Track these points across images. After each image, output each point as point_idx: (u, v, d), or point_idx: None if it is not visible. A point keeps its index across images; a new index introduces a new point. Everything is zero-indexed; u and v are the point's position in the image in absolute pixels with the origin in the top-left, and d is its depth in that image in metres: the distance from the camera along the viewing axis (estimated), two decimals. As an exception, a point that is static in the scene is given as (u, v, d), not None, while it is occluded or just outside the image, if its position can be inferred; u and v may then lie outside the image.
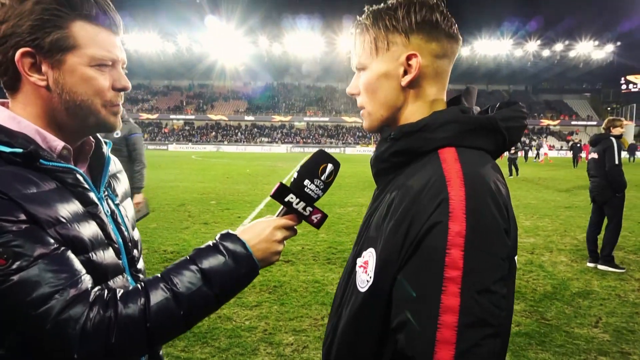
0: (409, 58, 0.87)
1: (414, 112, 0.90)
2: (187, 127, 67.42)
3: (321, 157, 1.00)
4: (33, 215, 0.78)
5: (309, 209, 1.00)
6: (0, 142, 0.83)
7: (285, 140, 62.78)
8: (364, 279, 0.83)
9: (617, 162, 5.40)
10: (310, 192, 0.99)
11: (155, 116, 65.41)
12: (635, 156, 33.55)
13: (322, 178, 0.99)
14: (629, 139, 59.75)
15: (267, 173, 19.35)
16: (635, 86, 67.67)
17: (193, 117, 67.88)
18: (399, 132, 0.87)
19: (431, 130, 0.84)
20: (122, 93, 0.97)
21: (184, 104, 70.65)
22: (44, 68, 0.87)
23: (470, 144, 0.83)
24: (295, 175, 1.00)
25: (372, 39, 0.90)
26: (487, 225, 0.72)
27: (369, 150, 52.29)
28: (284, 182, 1.00)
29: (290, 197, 0.98)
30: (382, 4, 0.92)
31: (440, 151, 0.82)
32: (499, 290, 0.71)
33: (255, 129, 66.59)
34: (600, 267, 5.38)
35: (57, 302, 0.76)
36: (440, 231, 0.71)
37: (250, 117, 67.36)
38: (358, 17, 0.95)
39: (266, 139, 63.46)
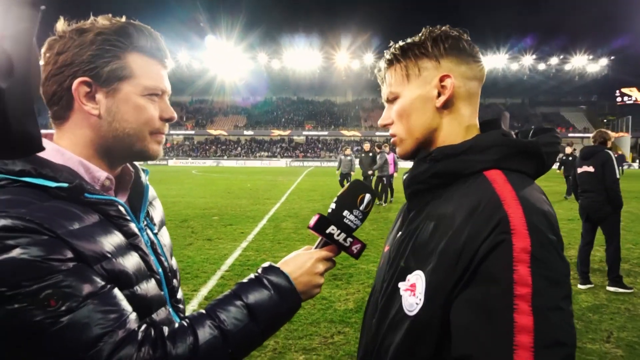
0: (442, 79, 0.90)
1: (449, 134, 0.91)
2: (187, 142, 67.64)
3: (359, 187, 1.00)
4: (80, 253, 0.77)
5: (349, 239, 0.98)
6: (46, 177, 0.83)
7: (285, 154, 62.91)
8: (413, 302, 0.81)
9: (618, 175, 5.12)
10: (349, 223, 0.98)
11: (154, 131, 65.34)
12: (623, 168, 32.36)
13: (361, 208, 0.99)
14: (625, 150, 60.06)
15: (268, 187, 19.32)
16: (630, 98, 68.25)
17: (193, 132, 68.13)
18: (440, 154, 0.87)
19: (476, 153, 0.85)
20: (167, 124, 0.99)
21: (184, 119, 70.92)
22: (98, 97, 0.89)
23: (514, 167, 0.84)
24: (334, 206, 0.99)
25: (403, 67, 0.93)
26: (550, 242, 0.72)
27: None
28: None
29: (332, 229, 0.97)
30: (407, 39, 0.95)
31: (487, 173, 0.83)
32: (567, 307, 0.69)
33: (255, 144, 66.76)
34: (609, 288, 5.08)
35: (106, 345, 0.74)
36: (504, 249, 0.70)
37: (250, 132, 67.63)
38: (386, 52, 0.98)
39: (265, 153, 63.62)
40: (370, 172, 12.98)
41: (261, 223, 9.54)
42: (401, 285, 0.86)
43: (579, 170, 5.48)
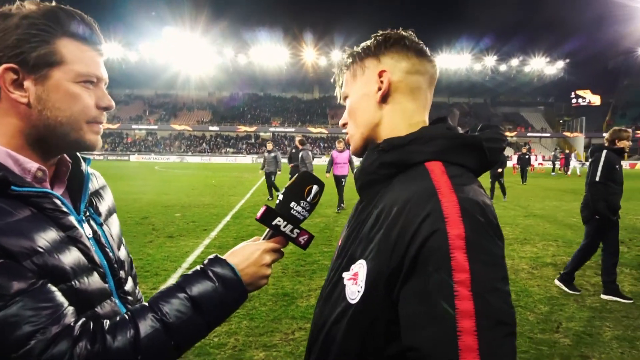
0: (380, 75, 0.94)
1: (392, 128, 0.94)
2: (149, 138, 65.83)
3: (306, 179, 1.01)
4: (6, 249, 0.74)
5: (296, 230, 1.00)
6: None
7: (251, 150, 62.33)
8: (355, 290, 0.83)
9: (597, 178, 4.72)
10: (296, 214, 0.99)
11: (116, 126, 63.49)
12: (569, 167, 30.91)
13: (308, 199, 1.00)
14: (580, 150, 63.06)
15: (233, 184, 19.09)
16: (584, 100, 71.78)
17: (156, 127, 66.37)
18: (388, 145, 0.90)
19: (420, 144, 0.87)
20: (105, 113, 0.95)
21: (147, 114, 69.01)
22: (26, 84, 0.85)
23: (456, 160, 0.87)
24: (281, 197, 0.99)
25: (352, 69, 0.99)
26: (484, 226, 0.74)
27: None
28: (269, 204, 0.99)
29: (278, 220, 0.97)
30: (362, 44, 1.01)
31: (427, 164, 0.85)
32: (504, 288, 0.72)
33: (220, 140, 65.78)
34: (557, 282, 5.11)
35: (38, 342, 0.72)
36: (439, 237, 0.71)
37: (215, 127, 66.55)
38: (341, 57, 1.03)
39: (231, 150, 62.83)
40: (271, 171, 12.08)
41: (225, 220, 9.42)
42: (345, 274, 0.88)
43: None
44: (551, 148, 62.55)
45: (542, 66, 66.72)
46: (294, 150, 12.53)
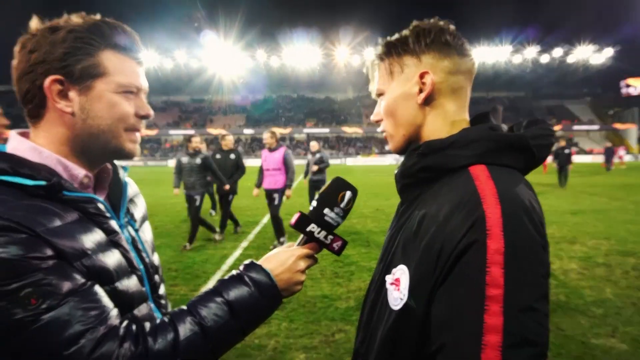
0: (421, 76, 0.90)
1: (435, 129, 0.92)
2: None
3: (340, 185, 1.00)
4: (60, 250, 0.78)
5: (330, 237, 0.99)
6: (24, 175, 0.83)
7: (286, 152, 62.91)
8: (397, 296, 0.82)
9: None
10: (330, 220, 0.99)
11: (154, 132, 65.72)
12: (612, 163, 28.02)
13: (342, 206, 0.99)
14: (632, 142, 59.74)
15: (269, 186, 19.27)
16: (635, 89, 67.75)
17: (192, 131, 68.15)
18: (426, 148, 0.87)
19: (460, 147, 0.84)
20: (144, 121, 0.99)
21: (183, 119, 71.03)
22: (71, 94, 0.89)
23: (501, 161, 0.83)
24: (315, 204, 0.99)
25: (387, 65, 0.96)
26: (526, 243, 0.71)
27: (370, 160, 52.33)
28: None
29: (312, 227, 0.98)
30: (395, 35, 0.96)
31: (471, 168, 0.82)
32: (541, 308, 0.69)
33: (255, 142, 66.78)
34: None
35: (88, 341, 0.75)
36: (478, 250, 0.70)
37: (250, 130, 67.63)
38: (373, 49, 1.00)
39: (267, 152, 63.61)
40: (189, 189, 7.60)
41: (262, 222, 9.55)
42: (387, 278, 0.87)
43: None
44: (600, 141, 59.72)
45: (588, 55, 63.64)
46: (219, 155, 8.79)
